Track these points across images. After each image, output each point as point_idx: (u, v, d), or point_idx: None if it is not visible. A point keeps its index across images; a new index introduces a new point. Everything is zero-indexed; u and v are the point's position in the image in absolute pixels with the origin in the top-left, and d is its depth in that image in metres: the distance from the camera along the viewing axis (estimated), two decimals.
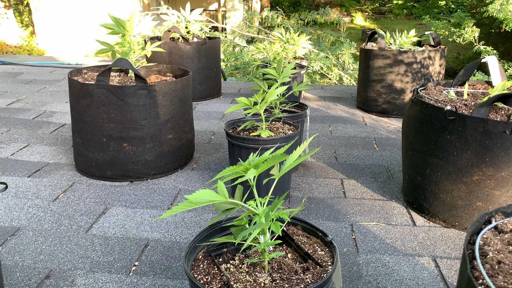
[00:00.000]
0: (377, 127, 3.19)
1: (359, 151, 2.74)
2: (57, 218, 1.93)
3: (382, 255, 1.69)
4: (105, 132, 2.20)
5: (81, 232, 1.82)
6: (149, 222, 1.90)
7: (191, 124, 2.49)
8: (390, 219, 1.96)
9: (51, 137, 2.90)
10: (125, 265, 1.62)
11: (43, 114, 3.37)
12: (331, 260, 1.11)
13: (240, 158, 1.99)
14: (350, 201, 2.12)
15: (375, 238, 1.81)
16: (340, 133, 3.05)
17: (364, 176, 2.39)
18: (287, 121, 2.21)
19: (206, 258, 1.15)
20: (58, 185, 2.23)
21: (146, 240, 1.78)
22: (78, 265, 1.61)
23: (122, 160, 2.24)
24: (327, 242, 1.16)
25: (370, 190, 2.23)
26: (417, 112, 1.96)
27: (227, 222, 1.21)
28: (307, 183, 2.29)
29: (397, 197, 2.16)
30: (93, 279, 1.53)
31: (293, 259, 1.15)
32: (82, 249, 1.71)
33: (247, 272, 1.11)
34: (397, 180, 2.34)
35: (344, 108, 3.67)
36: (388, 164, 2.54)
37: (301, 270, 1.10)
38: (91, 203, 2.06)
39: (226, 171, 1.04)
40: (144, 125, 2.20)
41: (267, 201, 1.10)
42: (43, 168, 2.43)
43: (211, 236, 1.20)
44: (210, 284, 1.05)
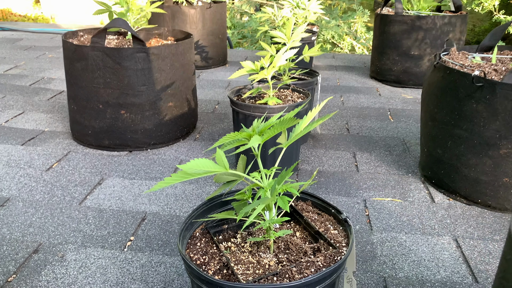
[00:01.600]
0: (392, 98, 3.01)
1: (372, 122, 2.58)
2: (49, 189, 1.81)
3: (398, 234, 1.56)
4: (101, 98, 2.05)
5: (74, 204, 1.70)
6: (147, 194, 1.78)
7: (193, 91, 2.33)
8: (407, 195, 1.81)
9: (48, 104, 2.77)
10: (119, 239, 1.50)
11: (41, 80, 3.23)
12: (345, 240, 0.97)
13: (245, 128, 1.84)
14: (363, 175, 1.97)
15: (390, 215, 1.67)
16: (353, 104, 2.88)
17: (378, 149, 2.23)
18: (297, 88, 2.05)
19: (204, 235, 1.02)
20: (53, 154, 2.11)
21: (144, 213, 1.66)
22: (70, 239, 1.50)
23: (119, 128, 2.11)
24: (341, 220, 1.02)
25: (384, 163, 2.08)
26: (439, 78, 1.79)
27: (228, 196, 1.08)
28: (317, 156, 2.14)
29: (413, 172, 2.01)
30: (84, 255, 1.42)
31: (302, 238, 1.02)
32: (75, 222, 1.59)
33: (250, 252, 0.98)
34: (414, 154, 2.18)
35: (356, 77, 3.48)
36: (403, 137, 2.38)
37: (311, 251, 0.96)
38: (87, 173, 1.94)
39: (226, 138, 0.89)
40: (143, 91, 2.05)
41: (273, 173, 0.96)
42: (37, 136, 2.31)
43: (210, 211, 1.06)
44: (208, 265, 0.92)
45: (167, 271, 1.36)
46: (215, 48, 3.65)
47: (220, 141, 0.90)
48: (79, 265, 1.38)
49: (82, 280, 1.31)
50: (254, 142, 0.85)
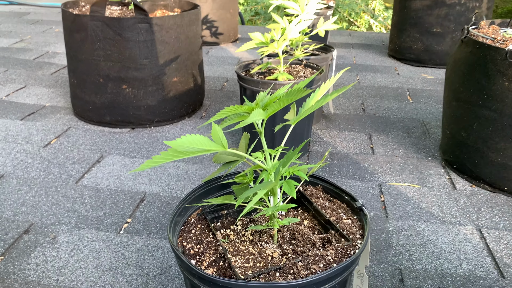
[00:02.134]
0: (411, 77, 2.84)
1: (390, 102, 2.43)
2: (46, 166, 1.72)
3: (415, 222, 1.43)
4: (102, 72, 1.94)
5: (71, 182, 1.61)
6: (148, 173, 1.68)
7: (200, 66, 2.20)
8: (426, 180, 1.68)
9: (51, 78, 2.67)
10: (116, 221, 1.41)
11: (45, 54, 3.12)
12: (360, 231, 0.85)
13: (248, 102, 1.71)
14: (379, 158, 1.84)
15: (407, 201, 1.54)
16: (369, 83, 2.72)
17: (395, 131, 2.09)
18: (310, 64, 1.91)
19: (200, 221, 0.91)
20: (52, 130, 2.01)
21: (143, 193, 1.56)
22: (63, 220, 1.40)
23: (121, 104, 2.00)
24: (356, 208, 0.90)
25: (402, 146, 1.94)
26: (467, 54, 1.63)
27: (228, 179, 0.96)
28: (330, 137, 2.01)
29: (433, 156, 1.87)
30: (77, 237, 1.33)
31: (310, 228, 0.90)
32: (70, 201, 1.50)
33: (251, 241, 0.87)
34: (434, 136, 2.04)
35: (374, 56, 3.30)
36: (423, 118, 2.23)
37: (320, 243, 0.85)
38: (86, 151, 1.84)
39: (225, 112, 0.77)
40: (145, 64, 1.93)
41: (279, 153, 0.84)
42: (38, 111, 2.21)
43: (208, 194, 0.95)
44: (202, 255, 0.81)
45: (164, 257, 1.26)
46: (226, 23, 3.50)
47: (218, 115, 0.78)
48: (71, 247, 1.29)
49: (73, 264, 1.22)
50: (256, 117, 0.72)
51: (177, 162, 1.76)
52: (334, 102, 2.40)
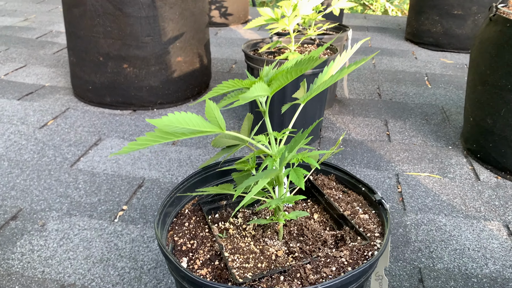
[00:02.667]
0: (429, 62, 2.69)
1: (407, 87, 2.28)
2: (40, 148, 1.62)
3: (436, 216, 1.31)
4: (102, 50, 1.83)
5: (65, 166, 1.51)
6: (148, 158, 1.57)
7: (206, 46, 2.08)
8: (446, 170, 1.55)
9: (52, 58, 2.57)
10: (110, 208, 1.31)
11: (49, 34, 3.02)
12: (378, 229, 0.74)
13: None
14: (396, 145, 1.71)
15: (427, 193, 1.42)
16: (385, 67, 2.57)
17: (413, 117, 1.95)
18: (323, 43, 1.77)
19: (195, 213, 0.80)
20: (50, 110, 1.91)
21: (141, 179, 1.45)
22: (54, 206, 1.31)
23: (122, 84, 1.89)
24: (374, 202, 0.78)
25: (420, 133, 1.81)
26: (496, 33, 1.48)
27: (228, 165, 0.85)
28: (343, 123, 1.88)
29: (454, 144, 1.73)
30: (68, 224, 1.23)
31: (321, 223, 0.79)
32: (63, 186, 1.40)
33: (252, 237, 0.76)
34: (455, 124, 1.90)
35: (390, 39, 3.14)
36: (443, 104, 2.09)
37: (333, 241, 0.73)
38: (83, 133, 1.74)
39: (222, 86, 0.65)
40: (147, 42, 1.81)
41: (286, 137, 0.72)
42: (37, 91, 2.11)
43: (205, 182, 0.84)
44: (195, 253, 0.71)
45: None
46: (236, 4, 3.35)
47: (214, 90, 0.66)
48: (60, 236, 1.19)
49: (61, 254, 1.13)
50: (257, 92, 0.60)
51: (179, 147, 1.65)
52: (348, 86, 2.27)
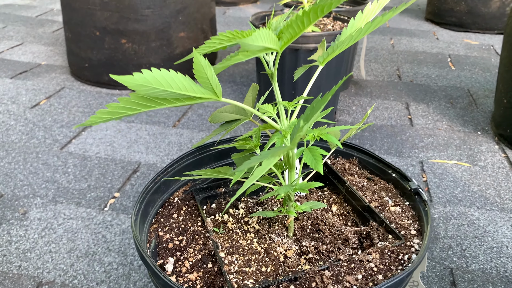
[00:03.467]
0: (452, 43, 2.49)
1: (429, 69, 2.10)
2: (29, 129, 1.49)
3: (467, 208, 1.16)
4: (98, 23, 1.68)
5: (55, 148, 1.38)
6: (146, 140, 1.43)
7: (212, 21, 1.92)
8: (476, 158, 1.39)
9: (51, 36, 2.43)
10: (101, 195, 1.17)
11: (49, 12, 2.88)
12: (414, 224, 0.58)
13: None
14: (419, 130, 1.55)
15: (455, 182, 1.26)
16: (405, 48, 2.39)
17: (436, 100, 1.78)
18: (340, 16, 1.61)
19: (186, 202, 0.65)
20: (43, 90, 1.78)
21: (137, 163, 1.32)
22: (39, 192, 1.18)
23: (120, 61, 1.74)
24: (408, 191, 0.63)
25: (445, 118, 1.64)
26: None
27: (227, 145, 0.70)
28: (360, 105, 1.72)
29: (484, 129, 1.56)
30: (52, 213, 1.10)
31: (341, 216, 0.64)
32: (50, 170, 1.27)
33: (256, 232, 0.62)
34: (483, 107, 1.72)
35: (409, 20, 2.95)
36: (468, 87, 1.91)
37: (356, 239, 0.59)
38: (77, 113, 1.61)
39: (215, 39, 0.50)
40: (147, 15, 1.66)
41: (298, 108, 0.57)
42: (32, 69, 1.98)
43: (199, 165, 0.69)
44: (184, 251, 0.57)
45: None
46: None
47: (207, 44, 0.51)
48: (42, 226, 1.06)
49: (42, 246, 1.00)
50: (262, 40, 0.45)
51: (180, 129, 1.51)
52: (364, 67, 2.10)
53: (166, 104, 0.52)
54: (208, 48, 0.52)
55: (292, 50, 1.36)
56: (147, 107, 0.51)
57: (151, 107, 0.52)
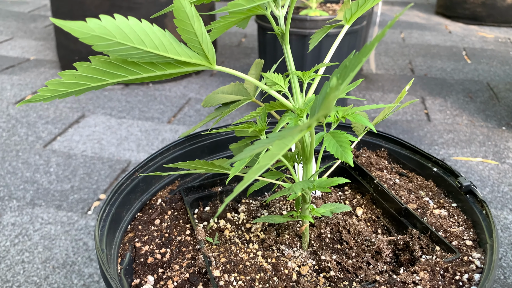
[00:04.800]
0: (466, 36, 2.36)
1: (443, 62, 1.97)
2: (11, 125, 1.36)
3: (499, 211, 1.02)
4: (88, 12, 1.56)
5: (38, 146, 1.25)
6: (137, 137, 1.30)
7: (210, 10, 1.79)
8: (504, 155, 1.25)
9: (43, 32, 2.31)
10: (85, 197, 1.04)
11: (42, 7, 2.77)
12: (469, 233, 0.45)
13: (273, 52, 1.30)
14: (438, 126, 1.41)
15: (483, 182, 1.12)
16: (416, 41, 2.26)
17: (454, 94, 1.65)
18: None
19: (173, 204, 0.52)
20: (30, 85, 1.65)
21: (127, 162, 1.18)
22: (16, 194, 1.05)
23: None
24: (457, 189, 0.49)
25: (465, 112, 1.50)
26: None
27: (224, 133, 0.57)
28: (372, 100, 1.59)
29: (508, 124, 1.43)
30: (28, 217, 0.97)
31: (369, 222, 0.51)
32: (31, 169, 1.14)
33: (261, 242, 0.48)
34: (506, 101, 1.59)
35: (418, 13, 2.81)
36: (488, 80, 1.78)
37: (390, 251, 0.45)
38: (65, 109, 1.48)
39: None
40: (141, 3, 1.54)
41: (318, 79, 0.44)
42: (20, 64, 1.86)
43: (190, 158, 0.56)
44: (168, 268, 0.43)
45: None
46: None
47: None
48: (16, 232, 0.93)
49: (14, 255, 0.87)
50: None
51: (175, 125, 1.38)
52: (374, 60, 1.97)
53: (141, 73, 0.39)
54: None
55: (298, 36, 1.23)
56: (115, 76, 0.38)
57: (121, 77, 0.38)
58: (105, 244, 0.40)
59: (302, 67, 1.25)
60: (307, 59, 1.25)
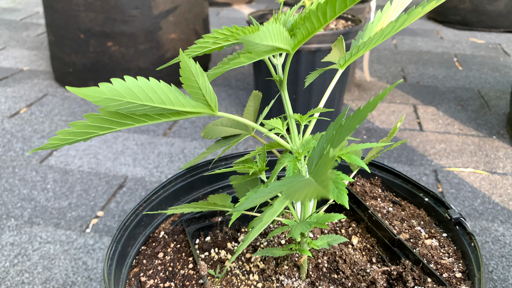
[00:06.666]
0: (457, 42, 2.39)
1: (435, 69, 2.00)
2: (7, 140, 1.37)
3: (490, 223, 1.04)
4: (82, 25, 1.56)
5: (34, 162, 1.26)
6: (133, 151, 1.31)
7: (205, 22, 1.81)
8: (494, 165, 1.28)
9: (35, 40, 2.31)
10: (82, 215, 1.05)
11: (34, 15, 2.76)
12: (459, 265, 0.47)
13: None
14: (430, 136, 1.44)
15: (474, 193, 1.15)
16: (408, 47, 2.29)
17: (446, 102, 1.68)
18: (343, 14, 1.49)
19: (175, 236, 0.54)
20: (24, 97, 1.66)
21: (123, 178, 1.20)
22: (14, 212, 1.06)
23: (107, 65, 1.62)
24: (447, 220, 0.51)
25: (457, 121, 1.53)
26: None
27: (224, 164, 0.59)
28: None
29: (499, 133, 1.46)
30: (27, 236, 0.98)
31: (364, 251, 0.52)
32: (28, 186, 1.15)
33: (261, 272, 0.50)
34: (496, 109, 1.62)
35: None
36: (479, 88, 1.81)
37: (384, 281, 0.47)
38: (60, 122, 1.48)
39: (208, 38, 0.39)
40: (135, 16, 1.55)
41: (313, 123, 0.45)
42: (13, 75, 1.86)
43: (191, 190, 0.58)
44: None
45: None
46: None
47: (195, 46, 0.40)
48: (15, 252, 0.94)
49: (14, 276, 0.88)
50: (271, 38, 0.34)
51: (171, 138, 1.39)
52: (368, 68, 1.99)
53: (147, 121, 0.40)
54: (199, 49, 0.40)
55: None
56: (123, 124, 0.40)
57: (128, 125, 0.40)
58: (113, 282, 0.42)
59: (296, 80, 1.27)
60: (301, 73, 1.27)
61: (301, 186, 0.29)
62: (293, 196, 0.28)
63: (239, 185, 0.50)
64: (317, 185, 0.27)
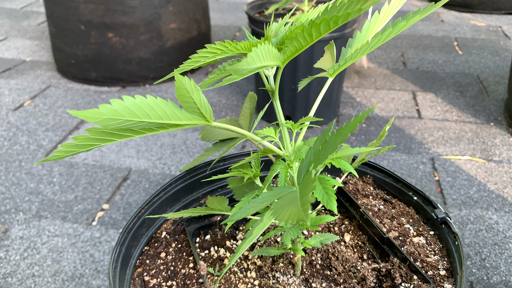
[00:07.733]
0: (458, 25, 2.38)
1: (435, 54, 2.00)
2: (12, 134, 1.40)
3: (484, 211, 1.07)
4: (82, 17, 1.57)
5: (40, 155, 1.29)
6: (136, 143, 1.34)
7: (205, 10, 1.81)
8: (491, 153, 1.30)
9: (37, 30, 2.31)
10: (88, 208, 1.08)
11: (35, 3, 2.76)
12: (443, 262, 0.50)
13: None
14: (428, 123, 1.45)
15: (470, 181, 1.17)
16: (408, 31, 2.28)
17: (445, 88, 1.69)
18: None
19: (176, 236, 0.57)
20: (28, 89, 1.68)
21: (127, 170, 1.23)
22: (22, 206, 1.09)
23: (108, 56, 1.64)
24: (434, 219, 0.54)
25: (455, 108, 1.55)
26: None
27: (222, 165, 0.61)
28: (364, 97, 1.62)
29: (497, 120, 1.47)
30: (36, 230, 1.02)
31: (355, 248, 0.55)
32: (34, 180, 1.18)
33: (258, 269, 0.53)
34: (495, 95, 1.63)
35: (411, 1, 2.82)
36: (478, 73, 1.81)
37: (374, 277, 0.50)
38: (64, 114, 1.51)
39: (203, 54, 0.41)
40: (135, 6, 1.55)
41: (305, 129, 0.48)
42: (16, 66, 1.88)
43: (190, 190, 0.60)
44: None
45: None
46: None
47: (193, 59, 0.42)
48: (25, 245, 0.98)
49: (24, 269, 0.92)
50: (260, 60, 0.36)
51: None
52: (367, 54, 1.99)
53: (146, 133, 0.43)
54: (194, 63, 0.42)
55: None
56: (123, 136, 0.42)
57: (129, 137, 0.42)
58: (118, 284, 0.45)
59: (295, 71, 1.29)
60: (300, 63, 1.28)
61: (288, 203, 0.32)
62: (279, 214, 0.31)
63: (236, 189, 0.53)
64: (299, 207, 0.29)
